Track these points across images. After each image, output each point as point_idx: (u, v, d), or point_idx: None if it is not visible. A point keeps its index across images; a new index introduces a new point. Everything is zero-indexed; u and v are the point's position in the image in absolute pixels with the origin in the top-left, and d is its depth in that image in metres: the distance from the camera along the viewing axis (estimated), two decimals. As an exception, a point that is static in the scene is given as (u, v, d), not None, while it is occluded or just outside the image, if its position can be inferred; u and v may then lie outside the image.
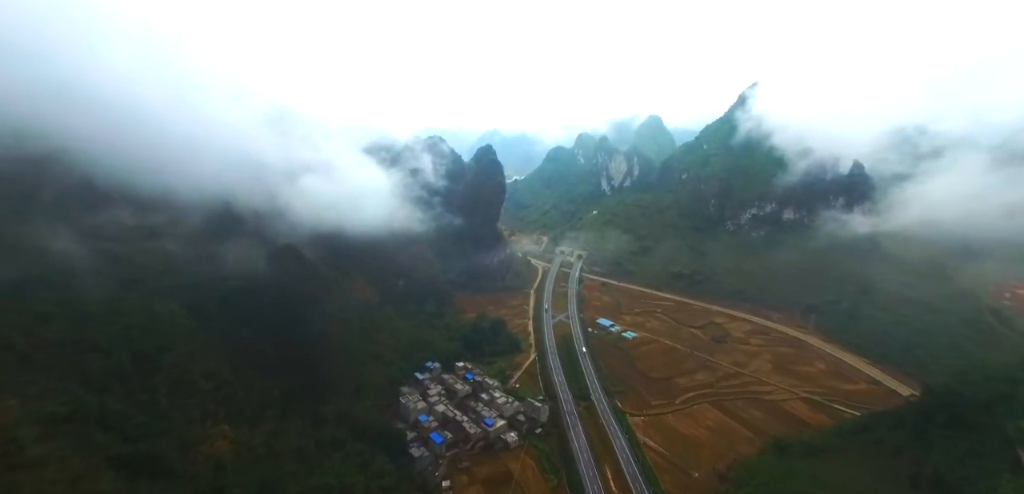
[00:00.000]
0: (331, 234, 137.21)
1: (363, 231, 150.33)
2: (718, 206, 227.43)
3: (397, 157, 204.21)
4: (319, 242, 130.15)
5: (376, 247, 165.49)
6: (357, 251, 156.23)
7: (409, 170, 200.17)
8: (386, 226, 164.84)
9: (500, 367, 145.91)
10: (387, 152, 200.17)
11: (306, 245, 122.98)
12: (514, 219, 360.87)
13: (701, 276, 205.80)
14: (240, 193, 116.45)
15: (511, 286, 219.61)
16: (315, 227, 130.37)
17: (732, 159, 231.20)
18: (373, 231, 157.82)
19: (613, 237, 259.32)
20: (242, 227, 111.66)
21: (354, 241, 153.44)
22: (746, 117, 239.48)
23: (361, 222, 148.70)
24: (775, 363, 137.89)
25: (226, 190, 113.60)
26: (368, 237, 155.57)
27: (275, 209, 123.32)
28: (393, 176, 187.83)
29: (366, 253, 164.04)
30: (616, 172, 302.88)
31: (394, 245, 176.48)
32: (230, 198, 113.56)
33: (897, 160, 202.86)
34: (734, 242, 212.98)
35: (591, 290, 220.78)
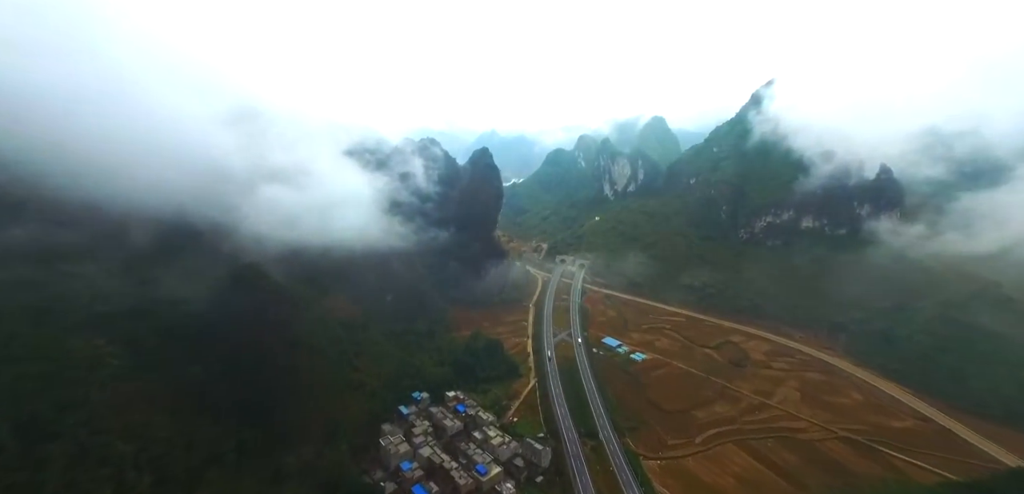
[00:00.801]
0: (305, 248, 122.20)
1: (345, 243, 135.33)
2: (730, 213, 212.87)
3: (385, 160, 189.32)
4: (291, 258, 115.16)
5: (360, 260, 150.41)
6: (338, 265, 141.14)
7: (398, 175, 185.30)
8: (371, 236, 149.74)
9: (496, 396, 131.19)
10: (373, 155, 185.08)
11: (274, 262, 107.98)
12: (512, 225, 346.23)
13: (713, 289, 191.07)
14: (194, 203, 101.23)
15: (509, 300, 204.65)
16: (286, 240, 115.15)
17: (745, 163, 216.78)
18: (356, 242, 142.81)
19: (617, 245, 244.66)
20: (195, 243, 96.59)
21: (334, 254, 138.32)
22: (760, 118, 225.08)
23: (342, 233, 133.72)
24: (804, 392, 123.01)
25: (177, 199, 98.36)
26: (350, 249, 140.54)
27: (237, 221, 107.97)
28: (380, 181, 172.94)
29: (349, 267, 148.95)
30: (619, 176, 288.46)
31: (380, 257, 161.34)
32: (182, 209, 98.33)
33: (931, 163, 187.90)
34: (748, 252, 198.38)
35: (594, 303, 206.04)
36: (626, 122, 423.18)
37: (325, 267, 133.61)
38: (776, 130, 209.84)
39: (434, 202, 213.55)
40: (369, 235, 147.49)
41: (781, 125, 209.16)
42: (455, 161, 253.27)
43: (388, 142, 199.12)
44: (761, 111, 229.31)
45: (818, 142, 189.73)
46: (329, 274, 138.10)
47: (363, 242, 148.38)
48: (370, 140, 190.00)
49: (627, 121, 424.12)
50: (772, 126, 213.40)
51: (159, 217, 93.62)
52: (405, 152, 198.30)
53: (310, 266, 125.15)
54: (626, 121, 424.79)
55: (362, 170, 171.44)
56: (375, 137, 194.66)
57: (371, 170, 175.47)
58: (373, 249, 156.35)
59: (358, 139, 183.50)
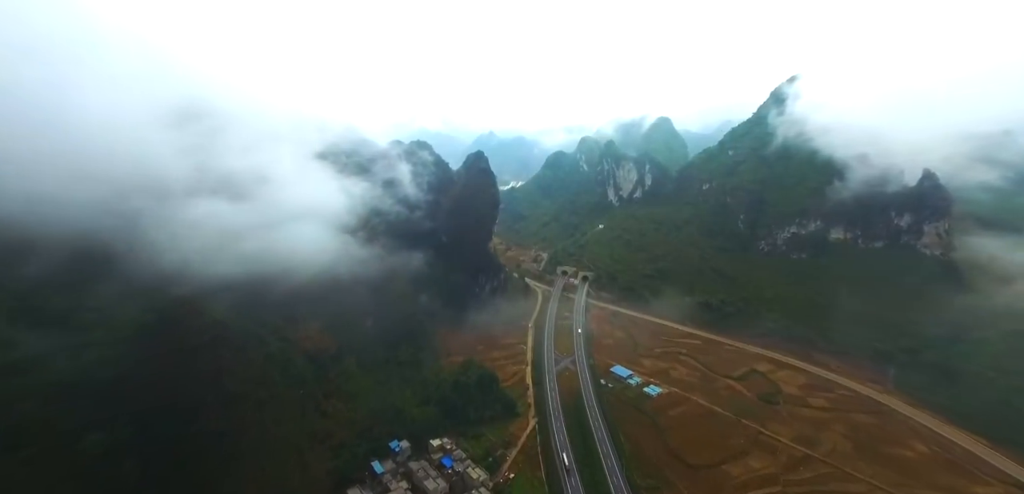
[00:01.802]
0: (263, 271, 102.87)
1: (314, 261, 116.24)
2: (748, 223, 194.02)
3: (367, 165, 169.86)
4: (243, 284, 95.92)
5: (335, 280, 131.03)
6: (307, 288, 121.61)
7: (382, 181, 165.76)
8: (347, 252, 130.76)
9: (489, 443, 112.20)
10: (350, 158, 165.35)
11: (219, 291, 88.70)
12: (510, 232, 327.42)
13: (731, 307, 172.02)
14: (111, 220, 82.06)
15: (505, 319, 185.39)
16: (237, 263, 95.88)
17: (765, 167, 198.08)
18: (329, 260, 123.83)
19: (623, 256, 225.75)
20: (107, 272, 77.43)
21: (302, 275, 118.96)
22: (783, 118, 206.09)
23: (311, 250, 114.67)
24: (856, 440, 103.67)
25: (87, 216, 79.17)
26: (322, 268, 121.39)
27: (167, 243, 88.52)
28: (359, 188, 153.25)
29: (321, 289, 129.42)
30: (625, 181, 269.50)
31: (359, 275, 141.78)
32: (92, 228, 79.15)
33: (985, 168, 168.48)
34: (770, 266, 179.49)
35: (600, 322, 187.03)
36: (630, 123, 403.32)
37: (291, 292, 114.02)
38: (801, 131, 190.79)
39: (423, 211, 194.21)
40: (344, 251, 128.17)
41: (806, 126, 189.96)
42: (448, 166, 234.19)
43: (372, 144, 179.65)
44: (783, 110, 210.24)
45: (850, 145, 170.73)
46: (297, 300, 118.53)
47: (338, 259, 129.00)
48: (347, 142, 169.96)
49: (631, 122, 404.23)
50: (796, 127, 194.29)
51: (60, 238, 74.42)
52: (390, 156, 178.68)
53: (270, 292, 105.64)
54: (630, 122, 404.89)
55: (338, 175, 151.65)
56: (354, 138, 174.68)
57: (349, 175, 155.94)
58: (352, 267, 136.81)
59: (333, 141, 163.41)
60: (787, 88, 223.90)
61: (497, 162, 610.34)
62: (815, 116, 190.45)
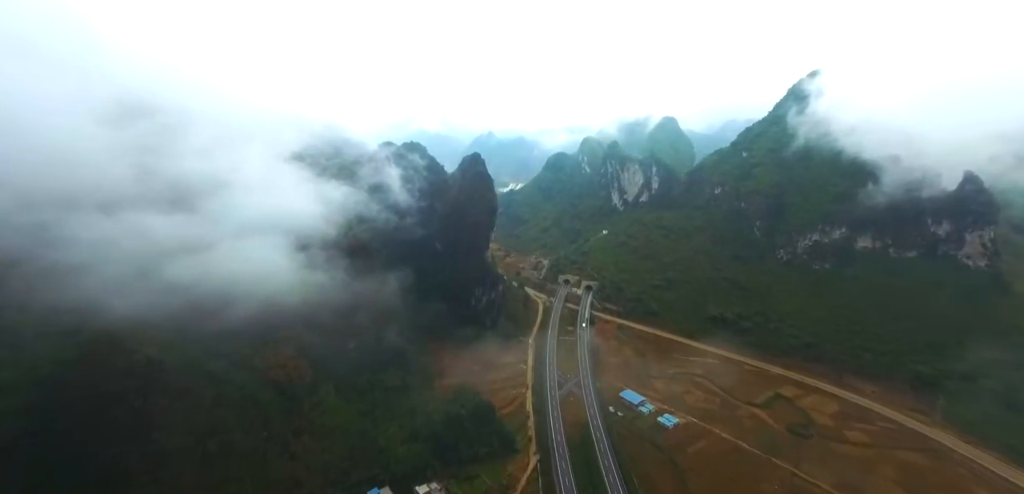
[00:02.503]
0: (219, 293, 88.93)
1: (284, 277, 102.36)
2: (765, 229, 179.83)
3: (351, 168, 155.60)
4: (191, 312, 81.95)
5: (311, 298, 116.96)
6: (277, 309, 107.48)
7: (369, 186, 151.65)
8: (326, 264, 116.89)
9: (485, 486, 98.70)
10: (330, 160, 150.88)
11: (156, 323, 74.60)
12: (509, 236, 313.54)
13: (749, 321, 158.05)
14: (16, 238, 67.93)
15: (504, 335, 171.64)
16: (185, 285, 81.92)
17: (783, 170, 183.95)
18: (304, 276, 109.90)
19: (629, 265, 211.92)
20: (11, 305, 63.15)
21: (271, 294, 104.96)
22: (803, 117, 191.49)
23: (279, 265, 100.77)
24: (909, 487, 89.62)
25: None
26: (295, 285, 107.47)
27: (92, 265, 74.24)
28: (341, 193, 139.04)
29: (296, 309, 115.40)
30: (630, 184, 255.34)
31: (341, 291, 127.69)
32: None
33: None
34: (789, 277, 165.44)
35: (606, 337, 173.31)
36: (634, 123, 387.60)
37: (258, 314, 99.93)
38: (824, 131, 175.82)
39: (415, 218, 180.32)
40: (321, 264, 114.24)
41: (831, 125, 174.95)
42: (442, 169, 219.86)
43: (358, 145, 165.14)
44: (804, 109, 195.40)
45: (880, 145, 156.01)
46: (265, 322, 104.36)
47: (315, 274, 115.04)
48: (328, 142, 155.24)
49: (636, 122, 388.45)
50: (819, 127, 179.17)
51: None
52: (378, 159, 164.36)
53: (229, 317, 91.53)
54: (634, 122, 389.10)
55: (316, 179, 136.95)
56: (337, 138, 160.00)
57: (330, 179, 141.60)
58: (330, 282, 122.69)
59: (312, 141, 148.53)
60: (808, 84, 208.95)
61: (496, 163, 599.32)
62: (840, 114, 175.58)
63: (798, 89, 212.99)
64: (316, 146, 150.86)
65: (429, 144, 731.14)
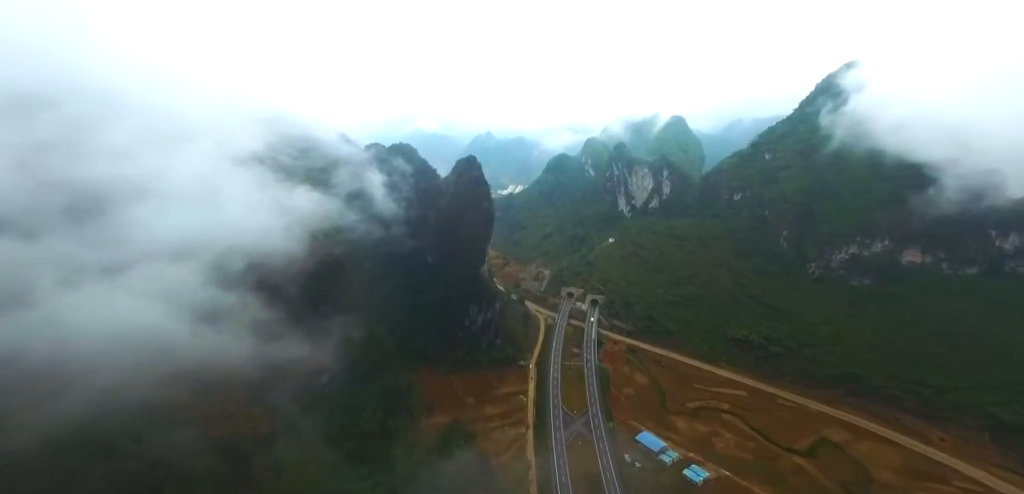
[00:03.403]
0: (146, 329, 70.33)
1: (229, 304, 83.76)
2: (793, 241, 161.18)
3: (325, 173, 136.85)
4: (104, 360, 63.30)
5: (269, 329, 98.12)
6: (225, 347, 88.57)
7: (347, 193, 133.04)
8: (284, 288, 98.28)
9: (476, 569, 79.67)
10: (296, 161, 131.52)
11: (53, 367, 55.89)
12: (508, 243, 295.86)
13: (779, 346, 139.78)
14: None
15: (501, 359, 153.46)
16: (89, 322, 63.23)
17: (814, 174, 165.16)
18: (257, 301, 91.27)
19: (639, 277, 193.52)
20: None
21: (220, 326, 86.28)
22: (838, 115, 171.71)
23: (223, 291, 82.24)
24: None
25: None
26: (246, 313, 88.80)
27: None
28: (308, 200, 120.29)
29: (252, 342, 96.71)
30: (638, 188, 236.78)
31: (310, 317, 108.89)
32: None
33: None
34: (823, 294, 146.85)
35: (617, 362, 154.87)
36: (641, 123, 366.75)
37: (198, 357, 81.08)
38: (863, 130, 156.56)
39: (403, 228, 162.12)
40: (273, 287, 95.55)
41: (870, 122, 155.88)
42: (435, 174, 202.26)
43: (333, 146, 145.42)
44: (839, 105, 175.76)
45: (931, 146, 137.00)
46: (206, 361, 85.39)
47: (269, 299, 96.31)
48: (295, 143, 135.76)
49: (643, 121, 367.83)
50: (857, 126, 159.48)
51: None
52: (355, 162, 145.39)
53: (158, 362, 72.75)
54: (641, 121, 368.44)
55: (279, 185, 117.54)
56: (307, 139, 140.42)
57: (298, 185, 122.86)
58: (289, 307, 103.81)
59: (274, 141, 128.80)
60: (843, 77, 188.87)
61: (495, 164, 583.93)
62: (883, 110, 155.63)
63: (831, 83, 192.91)
64: (281, 146, 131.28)
65: (426, 145, 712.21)
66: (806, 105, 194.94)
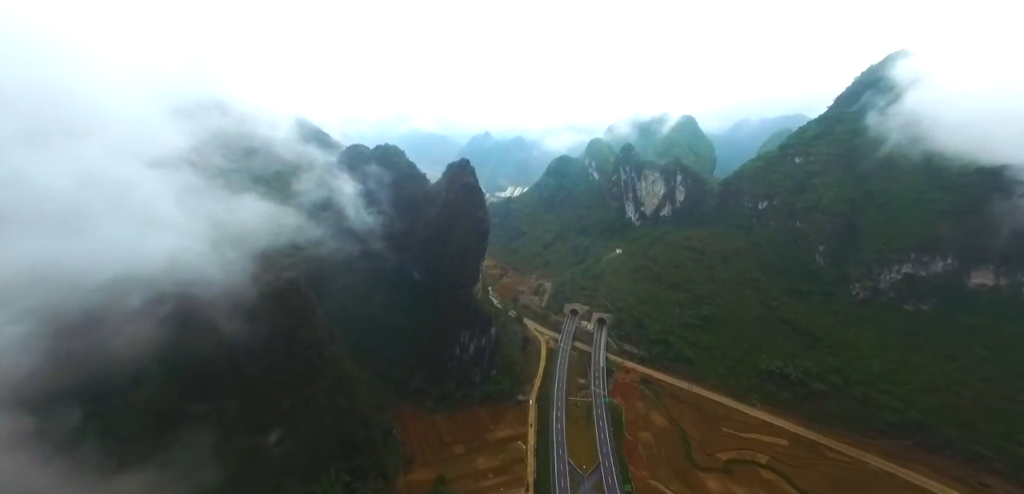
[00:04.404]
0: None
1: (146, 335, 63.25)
2: (833, 256, 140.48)
3: (281, 177, 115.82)
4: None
5: (205, 367, 77.60)
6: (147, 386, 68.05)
7: (313, 203, 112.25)
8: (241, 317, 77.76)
9: None
10: (243, 163, 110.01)
11: None
12: (506, 251, 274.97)
13: (821, 382, 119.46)
14: None
15: (496, 393, 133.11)
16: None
17: (856, 181, 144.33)
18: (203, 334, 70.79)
19: (652, 295, 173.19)
20: None
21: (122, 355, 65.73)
22: (888, 113, 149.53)
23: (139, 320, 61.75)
24: None
25: None
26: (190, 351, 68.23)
27: None
28: (255, 211, 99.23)
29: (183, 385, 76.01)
30: (648, 194, 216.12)
31: (263, 352, 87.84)
32: None
33: None
34: (871, 320, 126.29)
35: (629, 396, 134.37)
36: (649, 122, 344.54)
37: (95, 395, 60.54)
38: (917, 132, 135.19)
39: (384, 243, 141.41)
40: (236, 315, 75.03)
41: (926, 121, 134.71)
42: (424, 178, 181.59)
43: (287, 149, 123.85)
44: (887, 103, 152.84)
45: (1005, 149, 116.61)
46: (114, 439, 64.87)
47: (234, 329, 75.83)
48: (236, 142, 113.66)
49: (650, 120, 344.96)
50: (911, 126, 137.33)
51: None
52: (319, 166, 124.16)
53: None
54: (649, 120, 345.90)
55: (215, 193, 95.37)
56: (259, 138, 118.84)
57: (245, 193, 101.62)
58: (254, 339, 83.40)
59: (212, 139, 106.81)
60: (892, 70, 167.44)
61: (493, 165, 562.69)
62: (944, 108, 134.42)
63: (877, 77, 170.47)
64: (217, 144, 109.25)
65: (423, 145, 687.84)
66: (843, 102, 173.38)
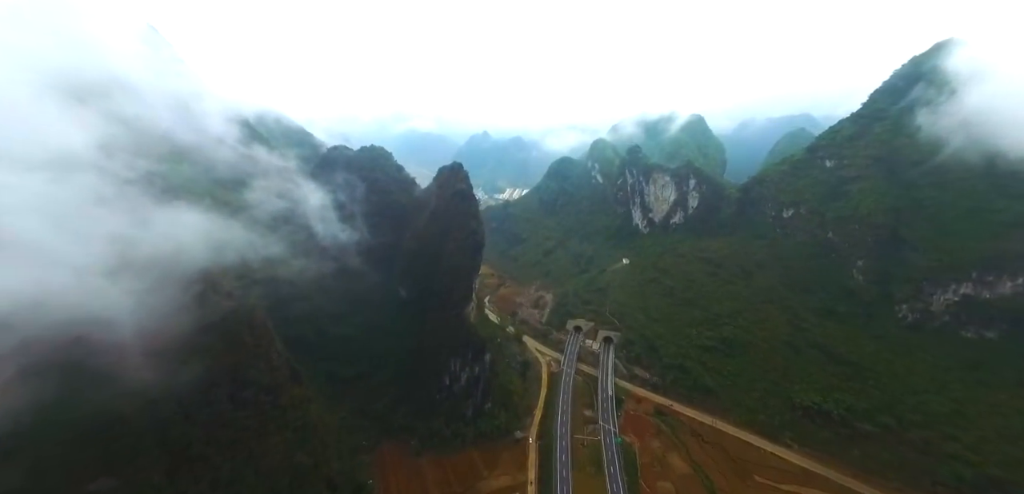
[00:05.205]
0: None
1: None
2: (874, 273, 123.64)
3: (227, 190, 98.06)
4: None
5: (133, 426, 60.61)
6: None
7: (271, 216, 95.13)
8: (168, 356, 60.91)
9: None
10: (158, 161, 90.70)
11: None
12: (504, 258, 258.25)
13: (869, 422, 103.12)
14: None
15: (491, 431, 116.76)
16: None
17: (900, 187, 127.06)
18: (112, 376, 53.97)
19: (664, 312, 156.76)
20: None
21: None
22: (936, 111, 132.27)
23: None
24: None
25: None
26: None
27: None
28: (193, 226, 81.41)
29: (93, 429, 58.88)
30: (658, 200, 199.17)
31: (200, 403, 70.48)
32: None
33: None
34: (925, 351, 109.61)
35: (643, 432, 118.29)
36: (656, 121, 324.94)
37: None
38: (973, 130, 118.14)
39: (368, 255, 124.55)
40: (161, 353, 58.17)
41: (987, 118, 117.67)
42: (413, 183, 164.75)
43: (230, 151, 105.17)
44: (939, 98, 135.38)
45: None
46: None
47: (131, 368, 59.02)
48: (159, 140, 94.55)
49: (658, 119, 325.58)
50: (968, 125, 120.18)
51: None
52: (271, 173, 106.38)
53: None
54: (657, 119, 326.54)
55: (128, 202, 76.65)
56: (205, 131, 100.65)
57: (176, 201, 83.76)
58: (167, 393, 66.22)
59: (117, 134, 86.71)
60: (943, 60, 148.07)
61: (491, 166, 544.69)
62: (1009, 105, 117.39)
63: (923, 69, 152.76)
64: (129, 143, 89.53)
65: (420, 146, 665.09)
66: (884, 98, 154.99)
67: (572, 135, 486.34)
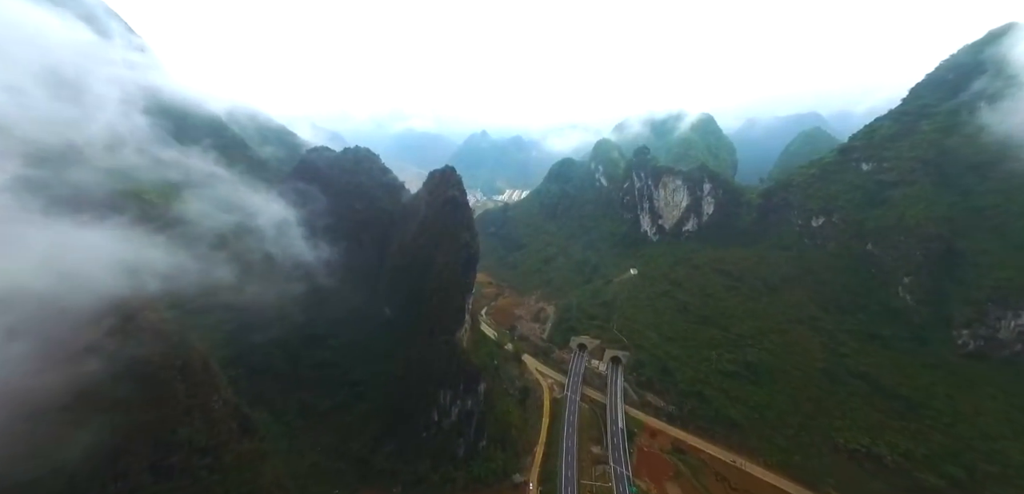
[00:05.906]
0: None
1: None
2: (924, 292, 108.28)
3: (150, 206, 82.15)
4: None
5: None
6: None
7: (214, 237, 79.36)
8: None
9: None
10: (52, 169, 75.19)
11: None
12: (503, 266, 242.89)
13: (927, 468, 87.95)
14: None
15: (485, 474, 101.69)
16: None
17: (954, 194, 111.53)
18: None
19: (679, 330, 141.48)
20: None
21: None
22: (995, 107, 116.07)
23: None
24: None
25: None
26: None
27: None
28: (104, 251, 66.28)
29: None
30: (669, 206, 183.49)
31: (107, 477, 54.92)
32: None
33: None
34: (993, 385, 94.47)
35: (659, 474, 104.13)
36: (664, 119, 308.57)
37: None
38: None
39: (347, 271, 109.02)
40: None
41: None
42: (402, 188, 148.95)
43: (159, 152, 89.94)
44: (999, 92, 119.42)
45: None
46: None
47: None
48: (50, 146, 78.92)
49: (665, 118, 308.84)
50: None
51: None
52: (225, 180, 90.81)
53: None
54: (665, 118, 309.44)
55: None
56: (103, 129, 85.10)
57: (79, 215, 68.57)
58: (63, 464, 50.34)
59: None
60: (1009, 47, 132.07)
61: (490, 167, 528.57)
62: None
63: (980, 58, 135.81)
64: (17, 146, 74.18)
65: (418, 145, 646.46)
66: (930, 92, 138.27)
67: (574, 135, 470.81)
